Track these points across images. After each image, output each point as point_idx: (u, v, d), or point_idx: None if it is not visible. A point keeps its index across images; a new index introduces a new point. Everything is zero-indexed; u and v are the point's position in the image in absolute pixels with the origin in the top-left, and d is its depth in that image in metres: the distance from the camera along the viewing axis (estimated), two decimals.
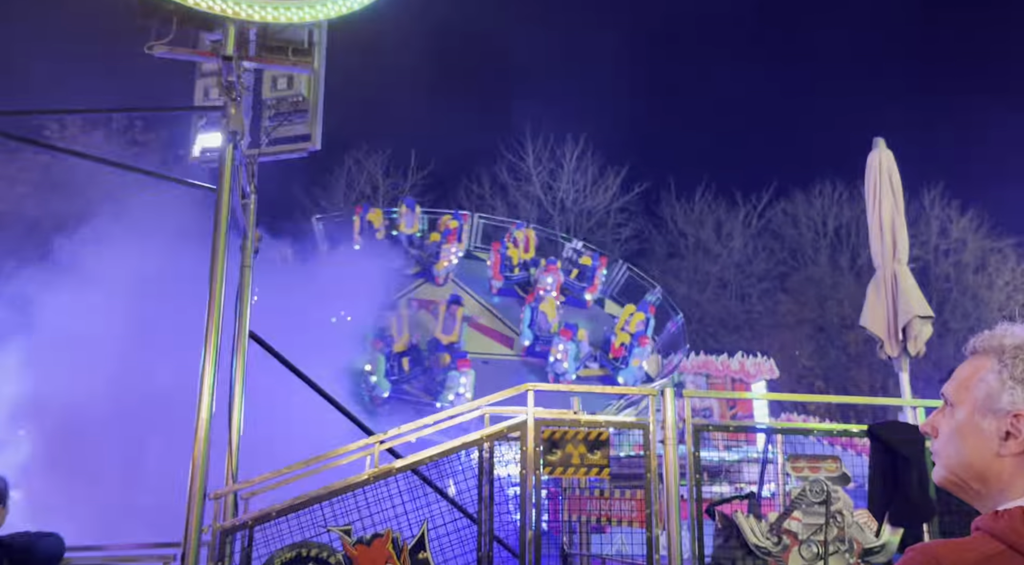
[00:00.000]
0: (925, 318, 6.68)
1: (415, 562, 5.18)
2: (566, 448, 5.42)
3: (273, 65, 5.98)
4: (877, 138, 7.33)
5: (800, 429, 6.76)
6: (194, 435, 5.26)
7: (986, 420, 1.31)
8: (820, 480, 5.22)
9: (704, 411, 19.15)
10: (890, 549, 5.17)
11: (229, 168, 5.67)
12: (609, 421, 5.77)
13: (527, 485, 5.30)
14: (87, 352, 9.87)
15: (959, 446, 1.34)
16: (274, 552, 5.16)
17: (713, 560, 5.46)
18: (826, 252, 34.38)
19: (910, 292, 6.71)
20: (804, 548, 5.15)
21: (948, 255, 33.24)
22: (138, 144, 20.64)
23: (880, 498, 5.14)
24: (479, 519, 5.46)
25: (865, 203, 7.48)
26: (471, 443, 5.48)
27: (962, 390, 1.37)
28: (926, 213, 33.11)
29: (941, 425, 1.39)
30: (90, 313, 10.14)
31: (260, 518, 5.26)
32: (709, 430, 5.80)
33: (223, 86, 5.77)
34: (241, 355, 6.13)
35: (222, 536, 5.22)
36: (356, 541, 5.16)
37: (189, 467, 5.21)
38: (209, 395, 5.32)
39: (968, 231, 33.11)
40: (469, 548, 5.51)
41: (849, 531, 5.16)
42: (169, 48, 5.59)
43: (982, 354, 1.37)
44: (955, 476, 1.36)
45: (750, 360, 21.57)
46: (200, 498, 5.14)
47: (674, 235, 35.28)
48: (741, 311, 34.34)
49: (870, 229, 7.24)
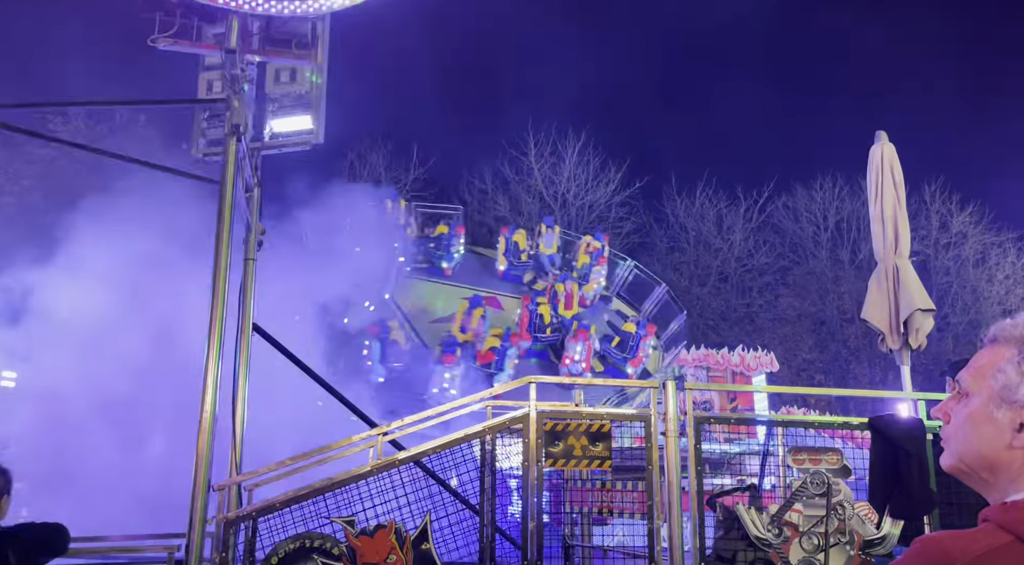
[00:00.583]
0: (927, 311, 6.69)
1: (418, 553, 5.21)
2: (568, 440, 5.45)
3: (277, 58, 5.98)
4: (879, 131, 7.32)
5: (801, 422, 6.79)
6: (198, 426, 5.29)
7: (1001, 410, 1.30)
8: (821, 472, 5.25)
9: (704, 404, 19.18)
10: (891, 541, 5.20)
11: (233, 161, 5.69)
12: (611, 413, 5.80)
13: (529, 477, 5.33)
14: (92, 343, 9.91)
15: (970, 434, 1.33)
16: (278, 543, 5.19)
17: (714, 552, 5.49)
18: (827, 246, 34.35)
19: (911, 285, 6.71)
20: (805, 540, 5.18)
21: (948, 249, 33.22)
22: (142, 138, 20.70)
23: (881, 491, 5.16)
24: (481, 510, 5.50)
25: (866, 197, 7.48)
26: (473, 435, 5.51)
27: (979, 378, 1.34)
28: (926, 207, 33.08)
29: (953, 411, 1.38)
30: (93, 305, 10.17)
31: (264, 509, 5.29)
32: (710, 423, 5.82)
33: (226, 79, 5.78)
34: (245, 347, 6.15)
35: (226, 527, 5.25)
36: (359, 532, 5.19)
37: (193, 458, 5.24)
38: (213, 387, 5.35)
39: (968, 225, 33.08)
40: (471, 539, 5.54)
41: (850, 523, 5.19)
42: (173, 41, 5.60)
43: (1002, 343, 1.34)
44: (963, 464, 1.34)
45: (750, 354, 21.60)
46: (204, 489, 5.17)
47: (675, 229, 35.26)
48: (742, 305, 34.34)
49: (872, 222, 7.24)
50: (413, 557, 5.16)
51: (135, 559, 6.25)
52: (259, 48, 5.80)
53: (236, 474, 5.77)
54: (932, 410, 1.50)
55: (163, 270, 9.83)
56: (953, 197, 33.39)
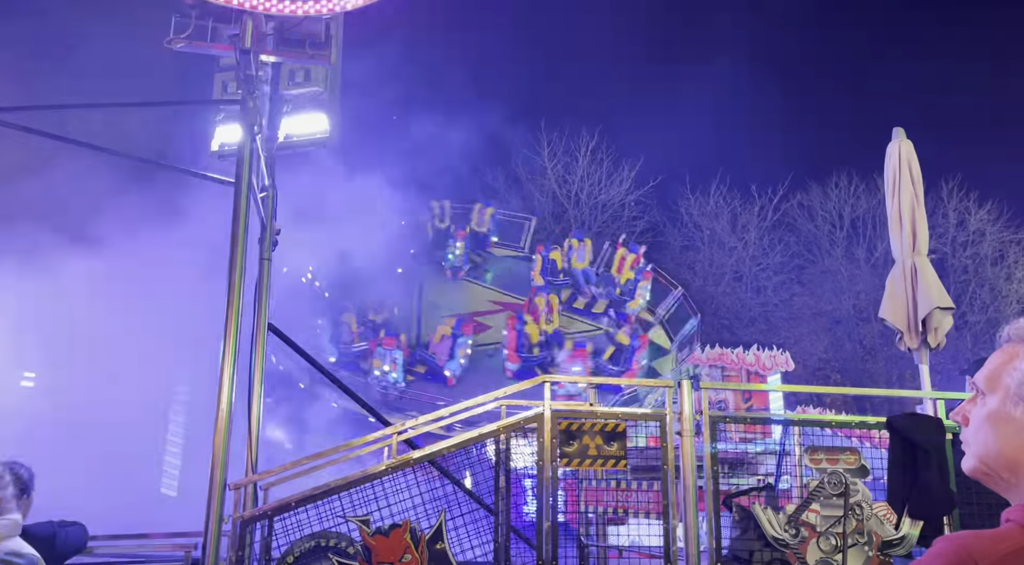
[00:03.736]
0: (946, 310, 6.61)
1: (432, 552, 5.21)
2: (583, 439, 5.43)
3: (291, 58, 6.00)
4: (897, 128, 7.25)
5: (817, 421, 6.73)
6: (214, 425, 5.32)
7: (1019, 408, 1.29)
8: (838, 472, 5.20)
9: (719, 404, 19.09)
10: (910, 542, 5.14)
11: (248, 161, 5.71)
12: (626, 413, 5.78)
13: (544, 476, 5.32)
14: (103, 348, 10.00)
15: (990, 435, 1.32)
16: (293, 542, 5.21)
17: (730, 552, 5.46)
18: (842, 244, 34.09)
19: (930, 283, 6.64)
20: (823, 540, 5.14)
21: (966, 247, 32.90)
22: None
23: (899, 490, 5.11)
24: (496, 510, 5.49)
25: (883, 194, 7.41)
26: (488, 434, 5.51)
27: (995, 378, 1.34)
28: (943, 205, 32.78)
29: (972, 414, 1.37)
30: (112, 309, 10.26)
31: (279, 508, 5.31)
32: (726, 422, 5.79)
33: (241, 80, 5.80)
34: (260, 347, 6.17)
35: (242, 526, 5.27)
36: (374, 531, 5.19)
37: (209, 458, 5.27)
38: (229, 386, 5.37)
39: (986, 223, 32.74)
40: (486, 539, 5.53)
41: (868, 524, 5.15)
42: (188, 42, 5.63)
43: (1017, 342, 1.35)
44: (984, 466, 1.33)
45: (765, 353, 21.47)
46: (220, 488, 5.20)
47: (689, 228, 35.12)
48: (756, 304, 34.16)
49: (889, 220, 7.18)
50: (428, 556, 5.16)
51: (152, 557, 6.29)
52: (273, 49, 5.83)
53: (252, 473, 5.79)
54: (951, 414, 1.50)
55: (182, 272, 9.90)
56: (971, 195, 33.07)
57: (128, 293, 10.40)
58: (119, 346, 10.05)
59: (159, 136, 9.69)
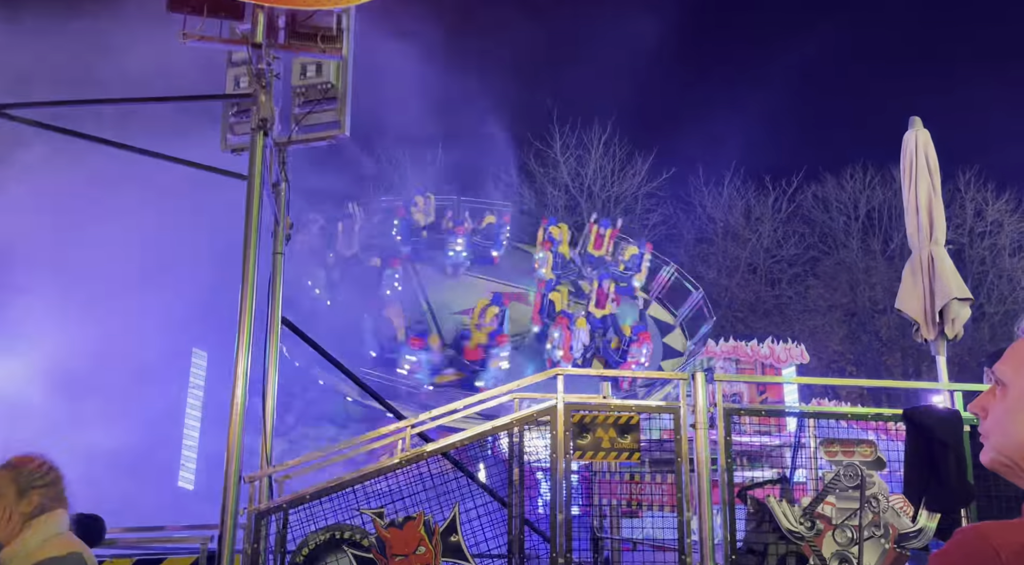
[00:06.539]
0: (963, 300, 6.53)
1: (447, 545, 5.22)
2: (596, 432, 5.41)
3: (302, 52, 6.00)
4: (913, 117, 7.15)
5: (832, 413, 6.68)
6: (229, 418, 5.35)
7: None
8: (854, 465, 5.17)
9: (733, 397, 19.05)
10: (927, 534, 5.10)
11: (260, 156, 5.72)
12: (639, 405, 5.75)
13: (557, 469, 5.31)
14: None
15: (1010, 427, 1.30)
16: (308, 534, 5.23)
17: (745, 544, 5.43)
18: (857, 236, 33.85)
19: (947, 274, 6.56)
20: (838, 533, 5.11)
21: (983, 238, 32.58)
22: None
23: (916, 483, 5.07)
24: (510, 503, 5.49)
25: (899, 184, 7.32)
26: (501, 427, 5.50)
27: (1016, 368, 1.32)
28: (960, 195, 32.46)
29: (991, 405, 1.35)
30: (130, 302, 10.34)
31: (294, 501, 5.34)
32: (740, 414, 5.76)
33: (253, 74, 5.81)
34: (274, 341, 6.20)
35: (257, 518, 5.30)
36: (388, 524, 5.21)
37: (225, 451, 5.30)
38: (243, 380, 5.40)
39: (1004, 213, 32.41)
40: (500, 531, 5.54)
41: (885, 516, 5.11)
42: (200, 37, 5.64)
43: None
44: (1005, 457, 1.31)
45: (780, 346, 21.38)
46: (236, 481, 5.23)
47: (703, 220, 34.97)
48: (771, 296, 33.99)
49: (906, 210, 7.09)
50: (442, 548, 5.17)
51: (169, 549, 6.35)
52: (285, 42, 5.82)
53: (267, 466, 5.82)
54: (969, 406, 1.48)
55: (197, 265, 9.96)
56: (988, 185, 32.74)
57: (147, 285, 10.49)
58: (139, 342, 10.14)
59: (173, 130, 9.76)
